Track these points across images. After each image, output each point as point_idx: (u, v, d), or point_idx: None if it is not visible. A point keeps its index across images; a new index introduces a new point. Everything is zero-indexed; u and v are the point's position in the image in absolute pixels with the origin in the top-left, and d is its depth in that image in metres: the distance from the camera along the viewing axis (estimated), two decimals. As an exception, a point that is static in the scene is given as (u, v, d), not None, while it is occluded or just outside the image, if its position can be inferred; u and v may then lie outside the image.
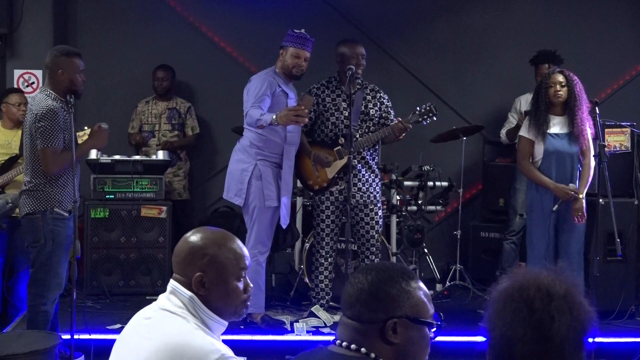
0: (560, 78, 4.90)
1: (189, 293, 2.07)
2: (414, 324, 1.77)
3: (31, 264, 4.23)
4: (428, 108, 5.05)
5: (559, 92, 4.88)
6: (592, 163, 4.89)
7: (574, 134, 4.88)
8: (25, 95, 5.42)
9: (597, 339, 1.63)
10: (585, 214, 4.88)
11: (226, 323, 2.14)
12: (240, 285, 2.13)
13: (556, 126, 4.95)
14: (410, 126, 5.02)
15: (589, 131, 4.90)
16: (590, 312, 1.58)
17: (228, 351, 1.99)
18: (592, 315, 1.59)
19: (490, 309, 1.63)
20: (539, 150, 4.95)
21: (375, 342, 1.79)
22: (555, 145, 4.92)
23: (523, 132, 5.06)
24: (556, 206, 4.90)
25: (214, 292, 2.09)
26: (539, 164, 4.96)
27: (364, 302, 1.78)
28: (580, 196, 4.87)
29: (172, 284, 2.12)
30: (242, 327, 4.88)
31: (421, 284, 1.83)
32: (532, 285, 1.58)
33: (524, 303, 1.57)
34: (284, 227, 5.02)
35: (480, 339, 5.38)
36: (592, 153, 4.90)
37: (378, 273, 1.81)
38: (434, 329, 1.81)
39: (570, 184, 4.88)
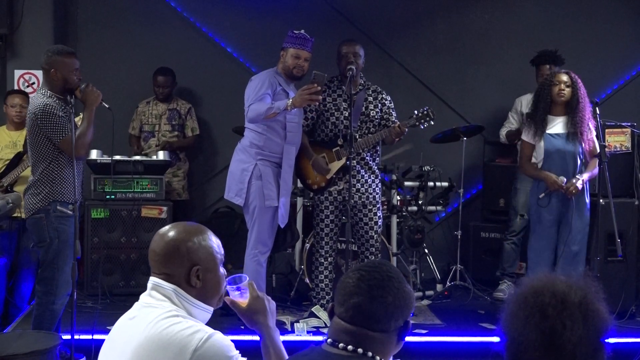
0: (565, 78, 4.92)
1: (172, 286, 2.10)
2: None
3: (39, 264, 4.29)
4: (425, 112, 5.04)
5: (563, 92, 4.90)
6: (596, 163, 4.92)
7: (574, 134, 4.89)
8: (29, 96, 5.45)
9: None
10: (578, 189, 4.83)
11: (212, 309, 2.19)
12: (223, 271, 2.22)
13: (556, 126, 4.96)
14: (407, 130, 5.02)
15: (593, 133, 4.92)
16: (606, 319, 1.56)
17: (210, 329, 2.03)
18: (609, 323, 1.56)
19: (505, 312, 1.62)
20: (540, 151, 4.96)
21: (379, 344, 1.81)
22: (556, 145, 4.92)
23: (524, 135, 5.10)
24: (542, 194, 4.92)
25: (207, 282, 2.15)
26: (540, 164, 4.97)
27: (363, 318, 1.82)
28: (579, 178, 4.86)
29: (153, 280, 2.14)
30: (242, 327, 4.87)
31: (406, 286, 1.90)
32: (548, 291, 1.56)
33: (537, 308, 1.55)
34: (282, 226, 5.02)
35: (480, 339, 5.37)
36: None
37: (372, 290, 1.82)
38: None
39: (560, 177, 4.87)
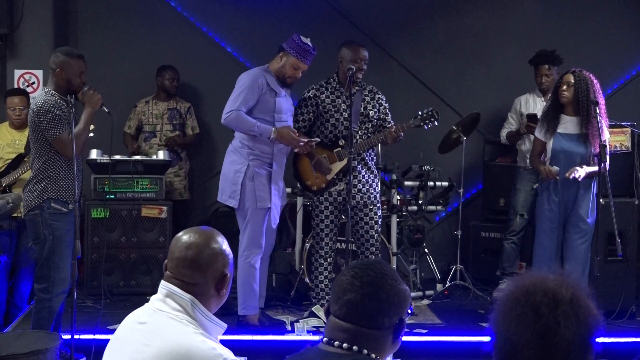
0: (570, 78, 4.90)
1: (189, 296, 2.06)
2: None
3: (36, 261, 4.31)
4: (430, 113, 5.03)
5: (564, 92, 4.90)
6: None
7: (584, 136, 4.88)
8: (30, 95, 5.50)
9: (598, 339, 1.61)
10: (576, 175, 4.78)
11: (225, 325, 2.14)
12: None
13: (567, 126, 4.96)
14: (402, 134, 5.02)
15: (607, 134, 4.89)
16: (596, 315, 1.56)
17: (230, 355, 2.00)
18: (599, 319, 1.57)
19: (496, 312, 1.61)
20: (549, 149, 5.00)
21: (373, 341, 1.81)
22: (563, 145, 4.92)
23: (536, 132, 5.12)
24: (537, 185, 5.03)
25: (227, 290, 2.15)
26: (548, 162, 4.98)
27: (356, 315, 1.84)
28: (580, 169, 4.81)
29: (168, 286, 2.09)
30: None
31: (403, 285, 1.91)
32: (539, 290, 1.56)
33: (529, 308, 1.54)
34: (273, 227, 4.97)
35: (480, 339, 5.36)
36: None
37: (365, 287, 1.85)
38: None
39: (554, 167, 4.89)
